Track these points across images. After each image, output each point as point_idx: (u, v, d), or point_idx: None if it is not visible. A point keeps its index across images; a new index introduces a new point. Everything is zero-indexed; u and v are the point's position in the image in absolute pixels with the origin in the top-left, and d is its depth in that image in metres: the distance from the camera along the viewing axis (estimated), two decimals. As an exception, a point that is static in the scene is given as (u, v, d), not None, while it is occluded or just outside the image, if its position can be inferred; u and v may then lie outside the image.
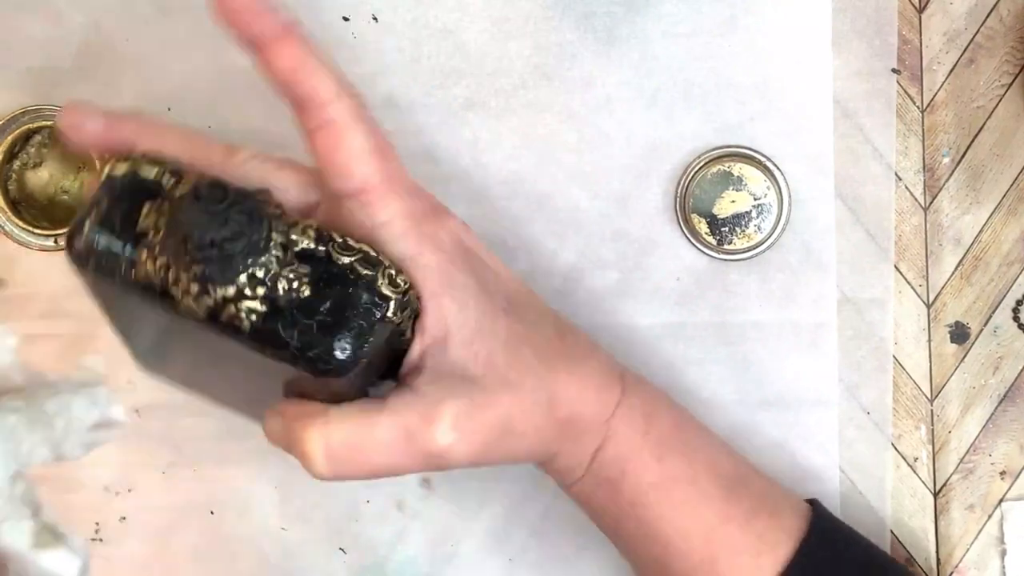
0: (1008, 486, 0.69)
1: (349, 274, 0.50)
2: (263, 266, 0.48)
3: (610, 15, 0.68)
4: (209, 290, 0.48)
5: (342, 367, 0.49)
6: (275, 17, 0.50)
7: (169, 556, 0.70)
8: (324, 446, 0.51)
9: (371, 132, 0.52)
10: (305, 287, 0.49)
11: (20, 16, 0.68)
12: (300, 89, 0.51)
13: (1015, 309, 0.69)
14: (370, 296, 0.50)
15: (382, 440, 0.51)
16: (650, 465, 0.59)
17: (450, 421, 0.52)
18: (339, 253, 0.50)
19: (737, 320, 0.69)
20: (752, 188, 0.68)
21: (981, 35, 0.69)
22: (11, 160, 0.64)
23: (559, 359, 0.57)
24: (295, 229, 0.49)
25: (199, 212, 0.46)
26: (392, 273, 0.50)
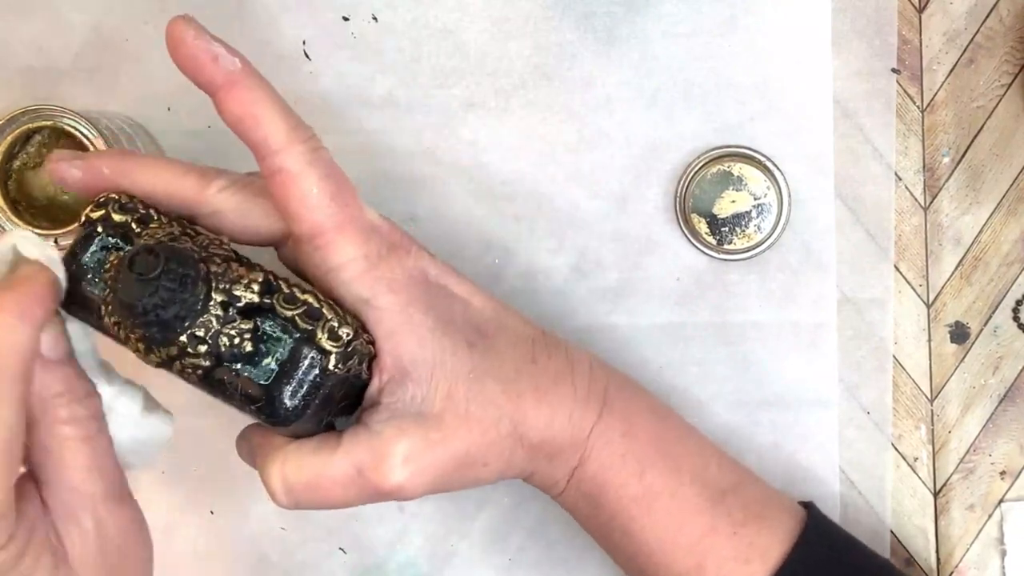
0: (1008, 486, 0.69)
1: (291, 328, 0.51)
2: (202, 326, 0.50)
3: (610, 15, 0.68)
4: (154, 350, 0.50)
5: (287, 418, 0.51)
6: (221, 64, 0.51)
7: (169, 556, 0.70)
8: (282, 481, 0.54)
9: (324, 176, 0.53)
10: (247, 343, 0.51)
11: (20, 16, 0.68)
12: (251, 136, 0.52)
13: (1015, 309, 0.69)
14: (310, 349, 0.51)
15: (335, 478, 0.53)
16: (629, 481, 0.59)
17: (400, 459, 0.53)
18: (283, 306, 0.52)
19: (737, 320, 0.69)
20: (752, 188, 0.68)
21: (981, 35, 0.69)
22: (11, 160, 0.64)
23: (528, 388, 0.57)
24: (238, 285, 0.51)
25: (132, 281, 0.48)
26: (334, 326, 0.52)
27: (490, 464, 0.56)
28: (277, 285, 0.52)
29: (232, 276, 0.51)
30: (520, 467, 0.57)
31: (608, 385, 0.60)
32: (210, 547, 0.70)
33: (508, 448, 0.56)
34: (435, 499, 0.70)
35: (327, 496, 0.54)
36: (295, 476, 0.53)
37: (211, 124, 0.68)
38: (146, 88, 0.68)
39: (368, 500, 0.54)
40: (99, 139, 0.62)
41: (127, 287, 0.48)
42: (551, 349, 0.59)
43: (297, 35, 0.68)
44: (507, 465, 0.56)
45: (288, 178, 0.52)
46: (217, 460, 0.70)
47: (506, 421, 0.55)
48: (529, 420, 0.56)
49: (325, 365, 0.51)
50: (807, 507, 0.63)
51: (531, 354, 0.58)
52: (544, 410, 0.57)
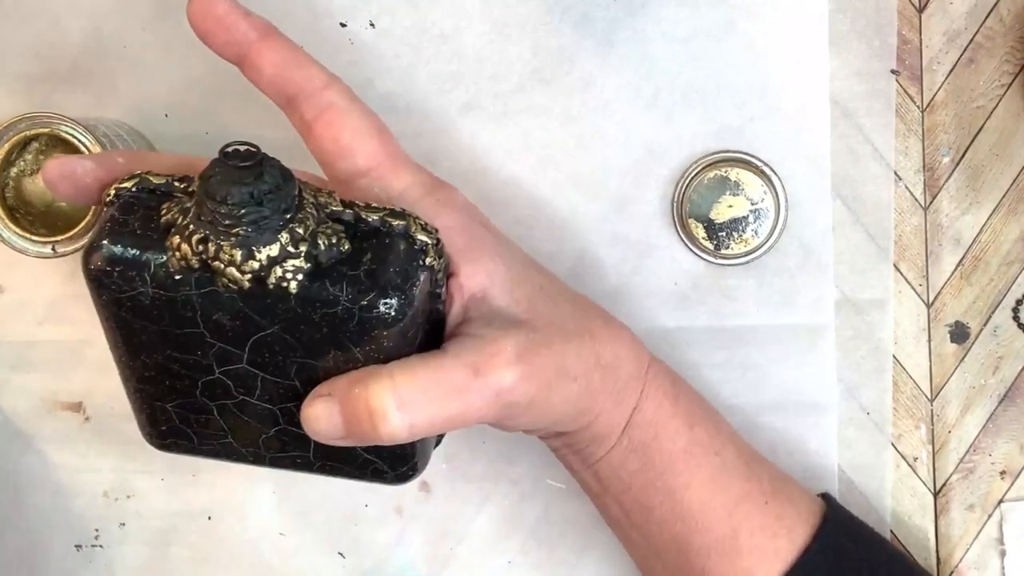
0: (1008, 486, 0.69)
1: (382, 227, 0.50)
2: (301, 222, 0.47)
3: (608, 18, 0.68)
4: (253, 252, 0.47)
5: (394, 317, 0.48)
6: (251, 22, 0.52)
7: (168, 561, 0.70)
8: (395, 397, 0.49)
9: (368, 113, 0.54)
10: (344, 242, 0.49)
11: (17, 22, 0.68)
12: (292, 83, 0.52)
13: (1015, 309, 0.69)
14: (407, 243, 0.50)
15: (452, 382, 0.50)
16: (681, 431, 0.59)
17: (513, 353, 0.51)
18: (367, 212, 0.50)
19: (735, 324, 0.69)
20: (749, 193, 0.68)
21: (981, 35, 0.69)
22: (8, 167, 0.64)
23: (594, 311, 0.58)
24: (320, 193, 0.49)
25: (233, 171, 0.46)
26: (423, 222, 0.50)
27: (579, 378, 0.55)
28: (351, 201, 0.50)
29: (311, 189, 0.49)
30: (594, 396, 0.56)
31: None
32: (208, 552, 0.70)
33: (591, 362, 0.55)
34: (434, 502, 0.70)
35: (443, 407, 0.49)
36: (409, 387, 0.49)
37: (208, 131, 0.68)
38: (144, 94, 0.69)
39: (482, 408, 0.51)
40: (96, 146, 0.62)
41: (228, 177, 0.46)
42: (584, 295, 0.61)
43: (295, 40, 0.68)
44: (587, 388, 0.55)
45: (339, 113, 0.52)
46: (215, 465, 0.70)
47: (587, 336, 0.56)
48: (601, 337, 0.57)
49: (424, 256, 0.50)
50: (824, 497, 0.64)
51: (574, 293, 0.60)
52: (611, 333, 0.58)
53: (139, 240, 0.48)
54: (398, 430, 0.49)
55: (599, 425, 0.58)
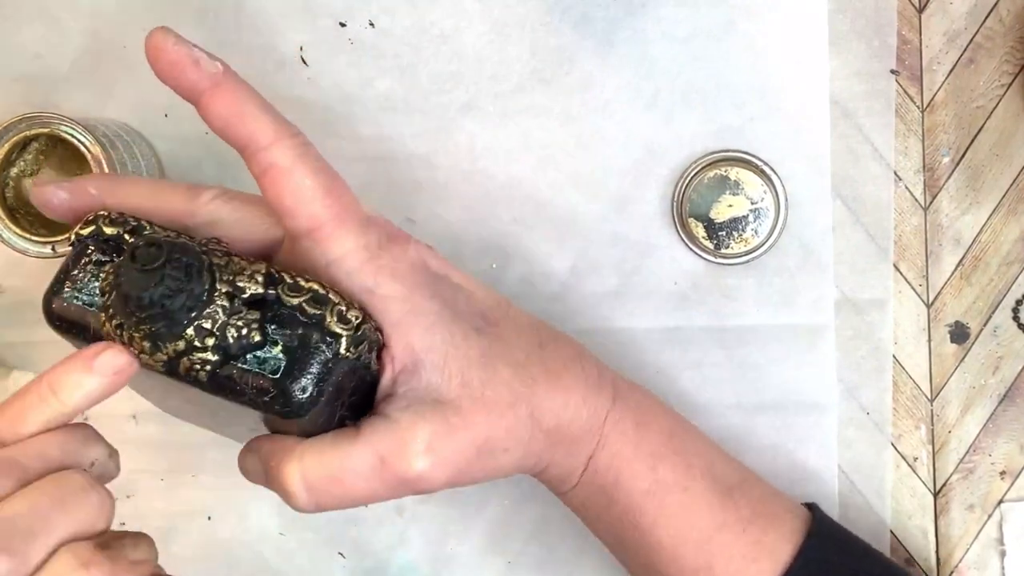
0: (1008, 486, 0.69)
1: (299, 315, 0.50)
2: (209, 317, 0.49)
3: (608, 18, 0.68)
4: (160, 346, 0.49)
5: (301, 407, 0.50)
6: (199, 71, 0.51)
7: (168, 562, 0.69)
8: (301, 480, 0.52)
9: (316, 170, 0.52)
10: (255, 333, 0.49)
11: (18, 23, 0.68)
12: (238, 136, 0.52)
13: (1015, 309, 0.69)
14: (320, 335, 0.50)
15: (357, 469, 0.52)
16: (642, 474, 0.59)
17: (423, 445, 0.52)
18: (288, 295, 0.50)
19: (735, 324, 0.69)
20: (749, 192, 0.68)
21: (981, 35, 0.69)
22: (8, 167, 0.64)
23: (539, 372, 0.56)
24: (241, 276, 0.50)
25: (136, 273, 0.47)
26: (342, 309, 0.51)
27: (510, 450, 0.55)
28: (280, 276, 0.51)
29: (235, 268, 0.50)
30: (538, 455, 0.57)
31: (615, 377, 0.60)
32: (208, 553, 0.70)
33: (527, 433, 0.55)
34: (434, 502, 0.70)
35: (350, 491, 0.52)
36: (315, 472, 0.51)
37: (208, 131, 0.67)
38: (143, 95, 0.68)
39: (388, 493, 0.53)
40: (96, 146, 0.62)
41: (130, 280, 0.47)
42: (556, 337, 0.59)
43: (294, 41, 0.68)
44: (526, 452, 0.56)
45: (280, 173, 0.51)
46: (215, 466, 0.70)
47: (522, 405, 0.55)
48: (544, 403, 0.56)
49: (337, 349, 0.50)
50: (810, 508, 0.63)
51: (538, 339, 0.58)
52: (558, 393, 0.56)
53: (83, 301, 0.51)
54: (303, 508, 0.52)
55: (552, 472, 0.59)
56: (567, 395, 0.57)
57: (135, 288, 0.47)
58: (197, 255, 0.49)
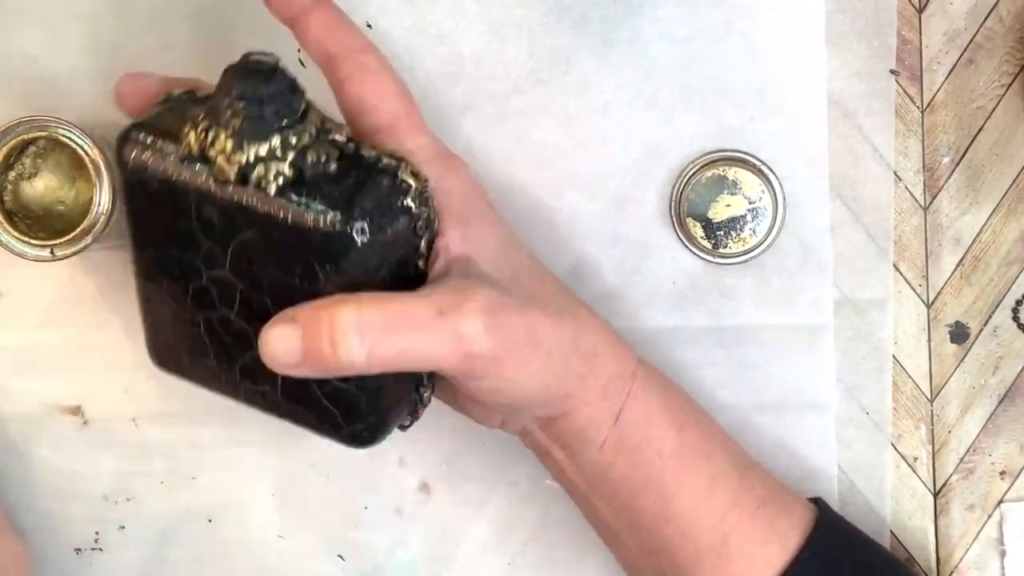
0: (1008, 486, 0.69)
1: (375, 163, 0.52)
2: (297, 134, 0.51)
3: (606, 19, 0.68)
4: (243, 146, 0.50)
5: (360, 245, 0.50)
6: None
7: (168, 564, 0.70)
8: (357, 321, 0.49)
9: (396, 80, 0.57)
10: (332, 163, 0.51)
11: (16, 26, 0.68)
12: (334, 44, 0.57)
13: (1015, 309, 0.69)
14: (391, 182, 0.52)
15: (416, 317, 0.50)
16: (670, 433, 0.59)
17: (482, 304, 0.51)
18: (367, 149, 0.53)
19: (734, 323, 0.69)
20: (747, 192, 0.68)
21: (981, 35, 0.69)
22: (6, 171, 0.64)
23: (579, 302, 0.59)
24: (330, 122, 0.53)
25: (247, 71, 0.50)
26: (415, 168, 0.53)
27: (554, 356, 0.55)
28: (358, 140, 0.54)
29: (323, 116, 0.53)
30: (572, 381, 0.56)
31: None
32: (208, 555, 0.70)
33: (568, 342, 0.56)
34: (433, 503, 0.70)
35: (402, 340, 0.50)
36: (373, 314, 0.50)
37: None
38: (142, 97, 0.68)
39: (441, 350, 0.51)
40: (95, 149, 0.62)
41: (242, 75, 0.50)
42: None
43: (292, 42, 0.68)
44: (564, 369, 0.56)
45: (368, 72, 0.56)
46: (215, 468, 0.70)
47: (568, 318, 0.57)
48: (586, 324, 0.58)
49: (405, 197, 0.52)
50: (816, 503, 0.64)
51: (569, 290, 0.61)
52: (595, 322, 0.59)
53: (162, 130, 0.53)
54: (356, 355, 0.49)
55: (582, 416, 0.58)
56: (602, 329, 0.59)
57: (242, 83, 0.50)
58: (298, 86, 0.52)
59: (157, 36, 0.68)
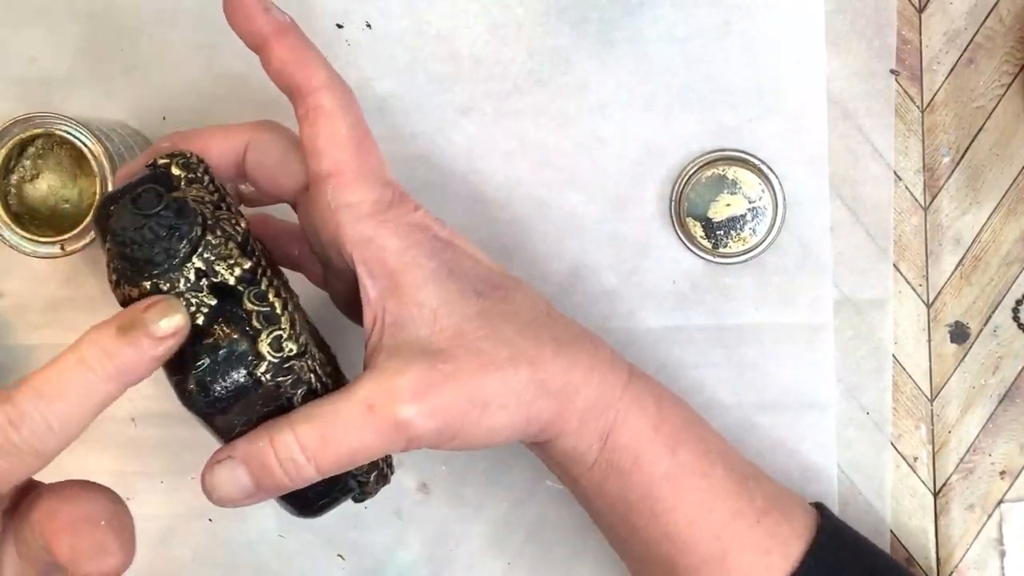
0: (1008, 486, 0.69)
1: (244, 323, 0.51)
2: (169, 281, 0.49)
3: (604, 19, 0.68)
4: (119, 284, 0.50)
5: (193, 403, 0.50)
6: (269, 17, 0.55)
7: (168, 564, 0.70)
8: (296, 443, 0.51)
9: (353, 123, 0.55)
10: (200, 316, 0.50)
11: (14, 26, 0.68)
12: (293, 78, 0.55)
13: (1015, 309, 0.69)
14: (247, 347, 0.50)
15: (349, 420, 0.51)
16: (662, 455, 0.58)
17: (409, 387, 0.52)
18: (250, 300, 0.51)
19: (734, 323, 0.69)
20: (747, 192, 0.68)
21: (981, 35, 0.68)
22: (8, 175, 0.64)
23: (546, 336, 0.57)
24: (222, 262, 0.51)
25: (127, 210, 0.49)
26: (281, 335, 0.51)
27: (508, 408, 0.54)
28: (259, 281, 0.52)
29: (222, 253, 0.51)
30: (545, 421, 0.56)
31: (630, 365, 0.60)
32: (208, 554, 0.70)
33: (528, 393, 0.55)
34: (433, 503, 0.70)
35: (346, 446, 0.52)
36: (307, 430, 0.51)
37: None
38: (142, 98, 0.69)
39: (385, 443, 0.52)
40: (97, 144, 0.62)
41: (121, 213, 0.49)
42: (569, 319, 0.60)
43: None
44: (528, 414, 0.55)
45: (321, 114, 0.55)
46: (215, 468, 0.70)
47: (523, 363, 0.55)
48: (550, 365, 0.55)
49: (253, 369, 0.50)
50: (818, 508, 0.63)
51: (547, 311, 0.58)
52: (564, 358, 0.56)
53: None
54: (306, 471, 0.52)
55: (565, 444, 0.57)
56: (575, 360, 0.57)
57: (119, 222, 0.49)
58: (191, 223, 0.50)
59: (155, 37, 0.68)
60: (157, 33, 0.68)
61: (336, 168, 0.54)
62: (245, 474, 0.52)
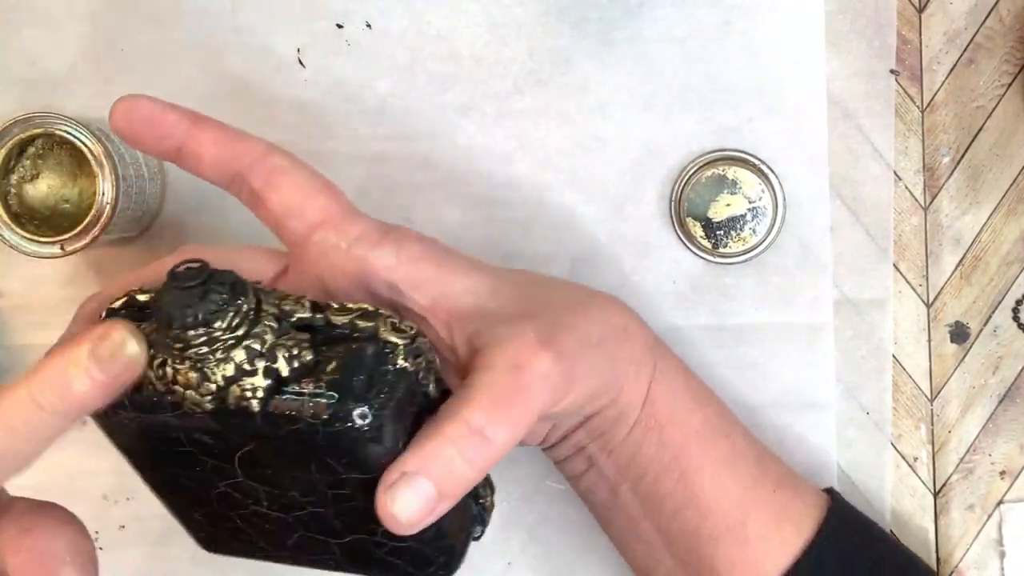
0: (1008, 486, 0.69)
1: (351, 332, 0.48)
2: (257, 337, 0.46)
3: (604, 19, 0.68)
4: (207, 375, 0.45)
5: (365, 434, 0.45)
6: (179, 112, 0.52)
7: (168, 563, 0.70)
8: (467, 427, 0.48)
9: (314, 172, 0.54)
10: (306, 352, 0.46)
11: (15, 25, 0.68)
12: (234, 157, 0.52)
13: (1015, 309, 0.69)
14: (376, 347, 0.47)
15: (506, 385, 0.49)
16: (694, 410, 0.60)
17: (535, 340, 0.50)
18: (337, 315, 0.48)
19: (734, 323, 0.69)
20: (747, 191, 0.68)
21: (981, 35, 0.68)
22: (8, 175, 0.64)
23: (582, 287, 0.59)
24: (287, 300, 0.48)
25: (178, 292, 0.44)
26: (395, 321, 0.48)
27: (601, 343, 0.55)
28: (326, 304, 0.48)
29: (279, 294, 0.48)
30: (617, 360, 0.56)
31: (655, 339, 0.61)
32: (208, 555, 0.70)
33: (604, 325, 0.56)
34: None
35: (515, 411, 0.49)
36: (475, 410, 0.48)
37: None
38: (141, 97, 0.69)
39: (542, 399, 0.50)
40: (97, 145, 0.62)
41: (173, 299, 0.44)
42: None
43: (291, 43, 0.68)
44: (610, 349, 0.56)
45: (283, 173, 0.53)
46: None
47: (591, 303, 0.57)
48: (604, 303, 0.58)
49: (395, 359, 0.47)
50: (829, 492, 0.64)
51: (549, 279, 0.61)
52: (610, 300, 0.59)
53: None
54: (491, 454, 0.48)
55: (624, 397, 0.57)
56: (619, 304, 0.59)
57: (178, 307, 0.44)
58: (238, 276, 0.46)
59: (154, 37, 0.68)
60: (157, 33, 0.68)
61: (324, 213, 0.53)
62: (425, 482, 0.47)
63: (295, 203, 0.53)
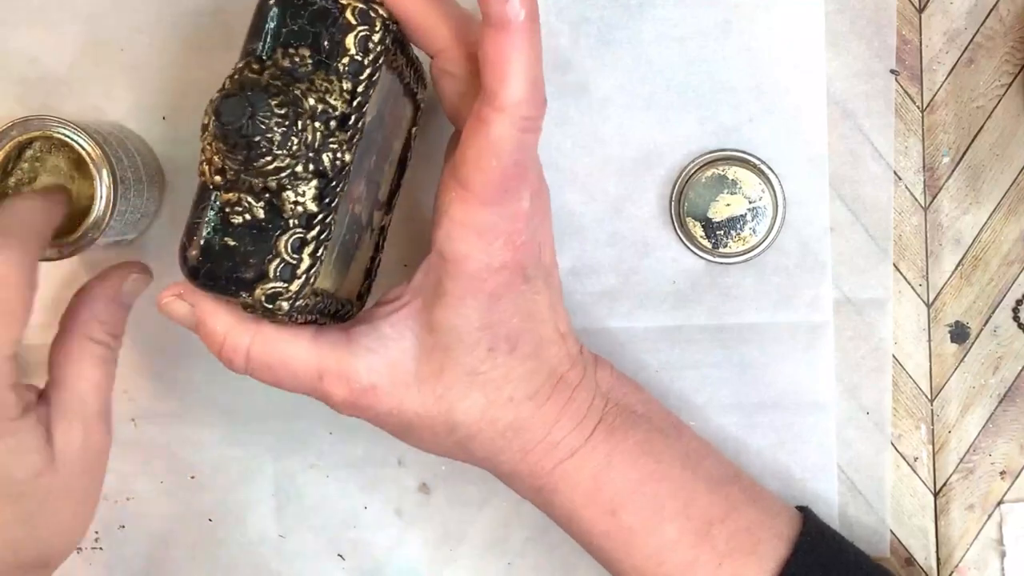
0: (1008, 486, 0.69)
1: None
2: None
3: (604, 19, 0.68)
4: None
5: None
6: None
7: (168, 563, 0.70)
8: (246, 350, 0.56)
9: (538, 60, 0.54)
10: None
11: (13, 27, 0.68)
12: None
13: (1015, 309, 0.69)
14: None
15: (297, 369, 0.56)
16: (599, 518, 0.59)
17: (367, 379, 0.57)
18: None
19: (734, 323, 0.69)
20: (747, 191, 0.68)
21: (981, 35, 0.68)
22: (6, 178, 0.64)
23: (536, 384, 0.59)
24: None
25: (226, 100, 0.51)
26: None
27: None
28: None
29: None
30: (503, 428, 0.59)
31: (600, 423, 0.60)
32: (208, 554, 0.70)
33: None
34: (433, 503, 0.70)
35: (277, 378, 0.56)
36: (260, 351, 0.55)
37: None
38: (141, 98, 0.68)
39: (309, 394, 0.57)
40: (95, 147, 0.62)
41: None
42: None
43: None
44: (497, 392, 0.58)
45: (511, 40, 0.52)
46: (215, 468, 0.70)
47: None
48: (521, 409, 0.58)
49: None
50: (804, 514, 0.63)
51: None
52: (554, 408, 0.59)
53: None
54: (234, 367, 0.57)
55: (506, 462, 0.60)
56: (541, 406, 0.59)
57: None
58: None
59: (155, 36, 0.68)
60: (157, 33, 0.68)
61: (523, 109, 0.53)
62: (192, 321, 0.57)
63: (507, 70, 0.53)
